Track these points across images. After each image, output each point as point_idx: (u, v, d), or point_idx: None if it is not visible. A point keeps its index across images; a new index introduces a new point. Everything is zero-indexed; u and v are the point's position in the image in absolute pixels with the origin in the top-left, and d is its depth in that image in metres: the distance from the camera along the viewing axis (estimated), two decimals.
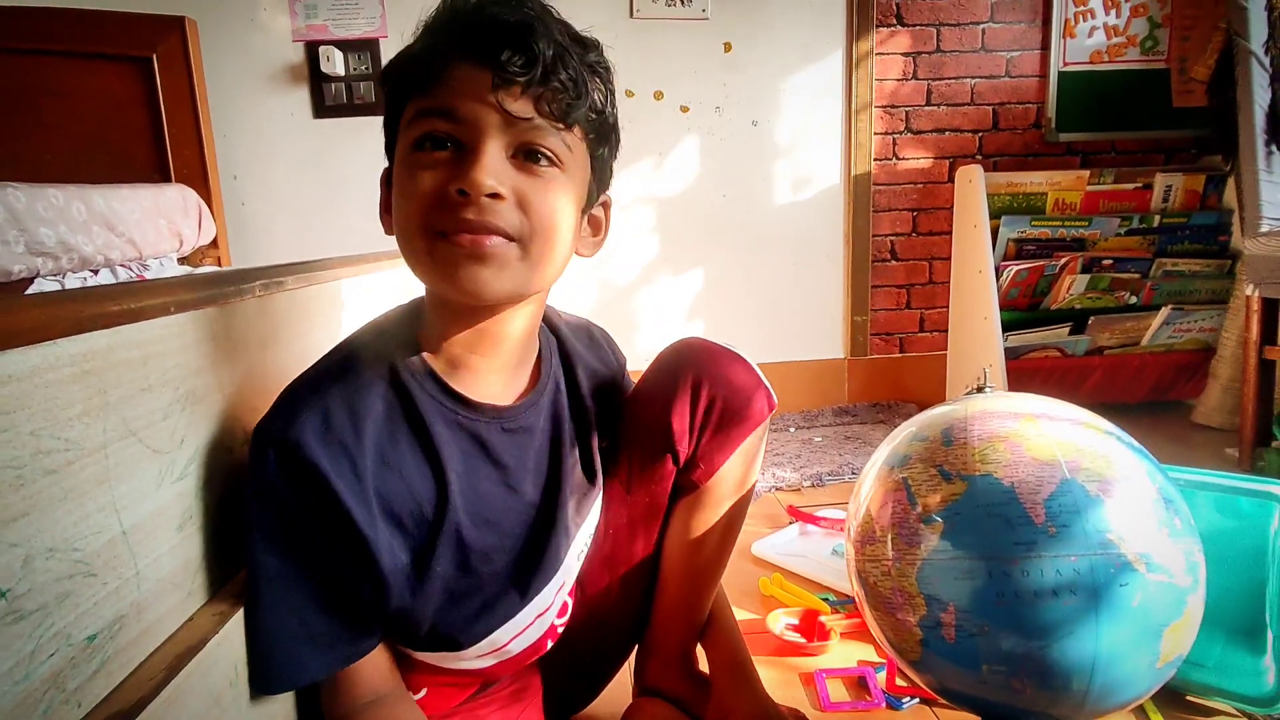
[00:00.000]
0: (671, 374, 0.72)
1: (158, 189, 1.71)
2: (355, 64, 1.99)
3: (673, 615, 0.80)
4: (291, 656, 0.60)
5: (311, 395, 0.62)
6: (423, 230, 0.58)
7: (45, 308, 0.45)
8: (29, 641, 0.42)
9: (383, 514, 0.61)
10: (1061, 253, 2.08)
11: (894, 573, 0.64)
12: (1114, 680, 0.58)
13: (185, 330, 0.59)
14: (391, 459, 0.62)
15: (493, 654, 0.70)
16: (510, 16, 0.59)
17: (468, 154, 0.58)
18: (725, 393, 0.71)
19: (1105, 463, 0.60)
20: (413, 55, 0.61)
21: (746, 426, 0.72)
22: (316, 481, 0.59)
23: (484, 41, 0.58)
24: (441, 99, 0.58)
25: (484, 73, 0.57)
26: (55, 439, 0.45)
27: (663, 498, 0.75)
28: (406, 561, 0.63)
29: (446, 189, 0.57)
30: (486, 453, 0.66)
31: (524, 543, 0.68)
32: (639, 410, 0.74)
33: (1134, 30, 2.21)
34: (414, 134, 0.59)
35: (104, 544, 0.49)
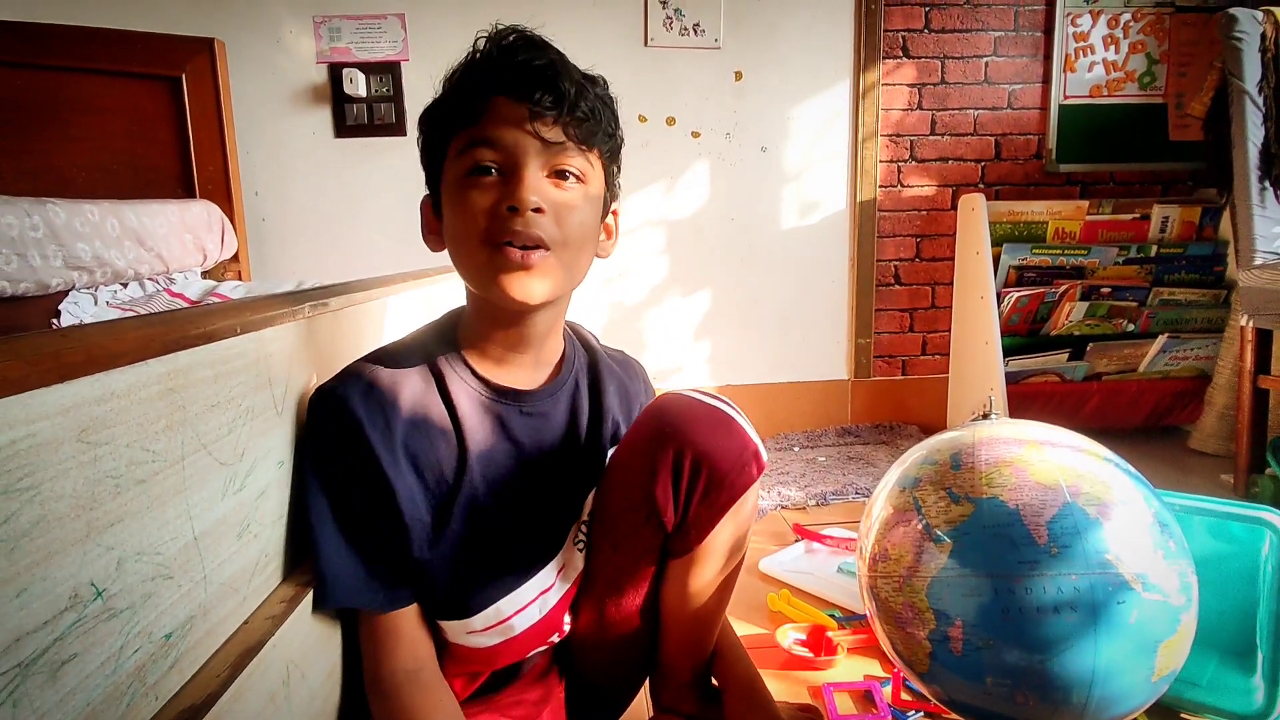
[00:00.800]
0: (653, 441, 0.72)
1: (184, 204, 1.75)
2: (377, 86, 2.04)
3: (679, 653, 0.83)
4: (338, 579, 0.68)
5: (362, 367, 0.73)
6: (481, 244, 0.68)
7: (142, 330, 0.49)
8: (119, 638, 0.46)
9: (410, 467, 0.70)
10: (1061, 280, 2.13)
11: (905, 589, 0.68)
12: (1111, 693, 0.62)
13: (247, 350, 0.64)
14: (421, 424, 0.71)
15: (499, 627, 0.75)
16: (539, 60, 0.70)
17: (512, 177, 0.68)
18: (710, 463, 0.70)
19: (1104, 488, 0.64)
20: (457, 94, 0.71)
21: (734, 494, 0.72)
22: (353, 429, 0.68)
23: (520, 82, 0.68)
24: (487, 131, 0.68)
25: (522, 108, 0.68)
26: (145, 451, 0.49)
27: (651, 560, 0.77)
28: (426, 513, 0.71)
29: (498, 206, 0.67)
30: (505, 430, 0.75)
31: (531, 516, 0.76)
32: (621, 475, 0.75)
33: (1132, 66, 2.28)
34: (466, 163, 0.69)
35: (180, 549, 0.53)
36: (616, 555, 0.77)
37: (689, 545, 0.74)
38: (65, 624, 0.42)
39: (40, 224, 1.23)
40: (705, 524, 0.73)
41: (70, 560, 0.42)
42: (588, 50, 2.44)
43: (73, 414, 0.43)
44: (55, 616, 0.41)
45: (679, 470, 0.70)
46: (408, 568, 0.71)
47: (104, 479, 0.45)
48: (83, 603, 0.43)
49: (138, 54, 1.84)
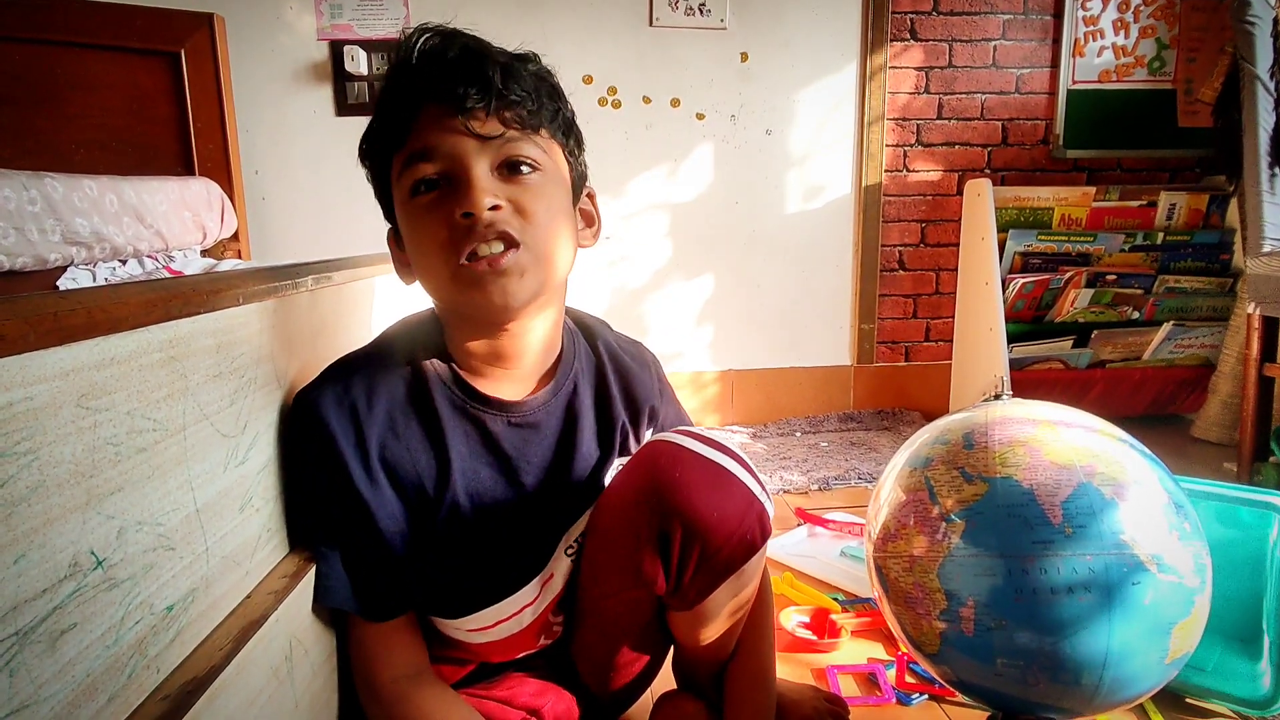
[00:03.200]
0: (640, 505, 0.64)
1: (183, 181, 1.73)
2: (378, 63, 2.02)
3: (696, 662, 0.80)
4: (323, 579, 0.67)
5: (340, 370, 0.70)
6: (445, 262, 0.64)
7: (144, 295, 0.48)
8: (119, 609, 0.45)
9: (388, 480, 0.68)
10: (1066, 267, 2.12)
11: (915, 569, 0.67)
12: (1124, 675, 0.61)
13: (250, 321, 0.63)
14: (402, 433, 0.69)
15: (481, 631, 0.74)
16: (453, 53, 0.65)
17: (460, 183, 0.64)
18: (704, 534, 0.62)
19: (1120, 468, 0.64)
20: (384, 114, 0.67)
21: (733, 564, 0.64)
22: (325, 442, 0.66)
23: (440, 81, 0.64)
24: (419, 142, 0.64)
25: (448, 108, 0.63)
26: (146, 419, 0.48)
27: (650, 603, 0.71)
28: (405, 526, 0.69)
29: (453, 219, 0.63)
30: (490, 442, 0.71)
31: (518, 530, 0.72)
32: (608, 532, 0.69)
33: (1142, 51, 2.25)
34: (407, 183, 0.65)
35: (181, 520, 0.52)
36: (608, 596, 0.72)
37: (686, 606, 0.69)
38: (65, 593, 0.41)
39: (38, 198, 1.22)
40: (703, 589, 0.66)
41: (70, 527, 0.41)
42: (592, 30, 2.39)
43: (72, 378, 0.42)
44: (54, 585, 0.40)
45: (668, 541, 0.63)
46: (393, 575, 0.69)
47: (104, 446, 0.44)
48: (82, 571, 0.42)
49: (137, 29, 1.81)
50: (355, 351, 0.73)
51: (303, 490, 0.68)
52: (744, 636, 0.77)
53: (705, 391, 2.32)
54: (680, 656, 0.83)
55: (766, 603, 0.81)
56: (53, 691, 0.40)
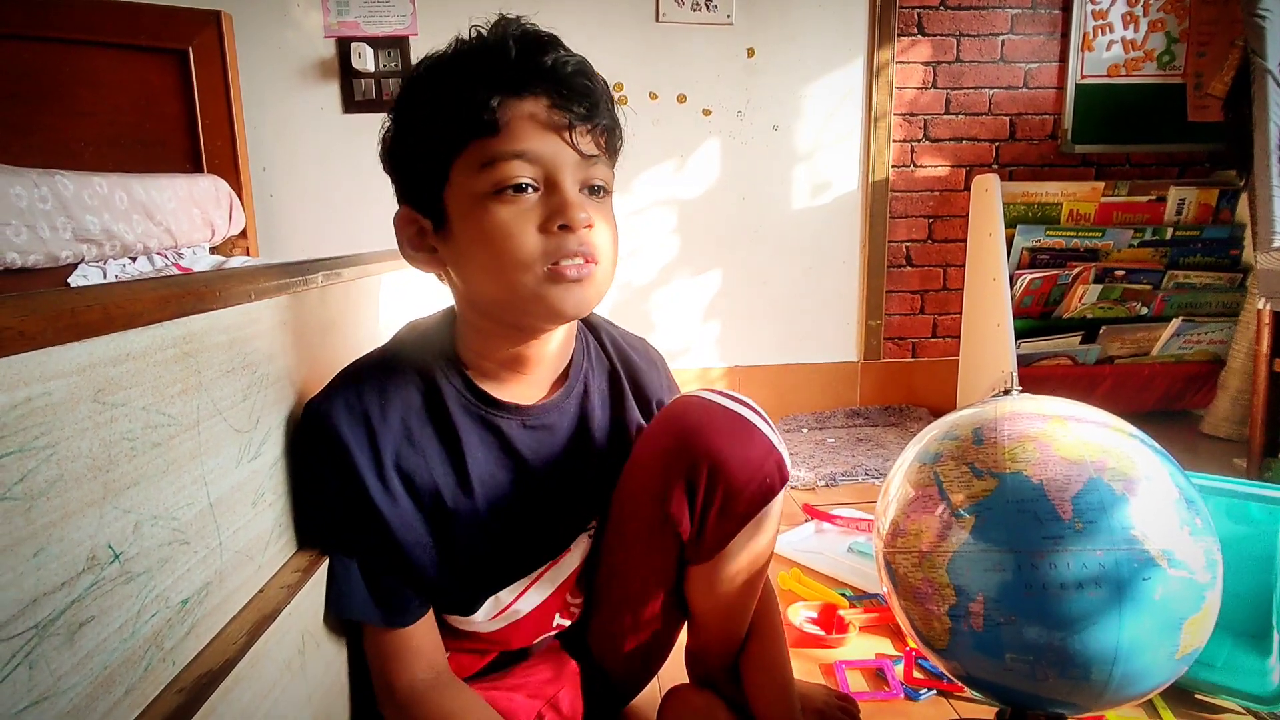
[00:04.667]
0: (668, 451, 0.68)
1: (191, 179, 1.74)
2: (385, 61, 2.02)
3: (710, 642, 0.81)
4: (343, 592, 0.67)
5: (350, 378, 0.69)
6: (528, 267, 0.62)
7: (159, 291, 0.48)
8: (136, 602, 0.46)
9: (404, 491, 0.68)
10: (1075, 262, 2.11)
11: (924, 564, 0.67)
12: (1134, 670, 0.61)
13: (261, 317, 0.63)
14: (418, 441, 0.68)
15: (500, 615, 0.75)
16: (569, 61, 0.64)
17: (555, 193, 0.63)
18: (728, 475, 0.66)
19: (1130, 463, 0.63)
20: (462, 98, 0.62)
21: (754, 507, 0.68)
22: (339, 453, 0.65)
23: (550, 86, 0.62)
24: (519, 142, 0.62)
25: (555, 116, 0.63)
26: (161, 414, 0.48)
27: (669, 563, 0.74)
28: (424, 535, 0.69)
29: (548, 225, 0.62)
30: (507, 446, 0.71)
31: (536, 528, 0.73)
32: (635, 483, 0.72)
33: (1151, 45, 2.24)
34: (491, 178, 0.62)
35: (196, 514, 0.52)
36: (631, 559, 0.75)
37: (707, 555, 0.71)
38: (83, 586, 0.41)
39: (49, 195, 1.22)
40: (723, 536, 0.69)
41: (88, 521, 0.42)
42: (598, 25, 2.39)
43: (89, 373, 0.42)
44: (73, 578, 0.40)
45: (694, 483, 0.66)
46: (413, 581, 0.69)
47: (120, 440, 0.44)
48: (100, 565, 0.42)
49: (144, 26, 1.82)
50: (364, 359, 0.72)
51: (316, 501, 0.67)
52: (755, 624, 0.79)
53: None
54: (694, 645, 0.83)
55: (773, 600, 0.84)
56: (71, 684, 0.40)
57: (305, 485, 0.67)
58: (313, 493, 0.67)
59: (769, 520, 0.72)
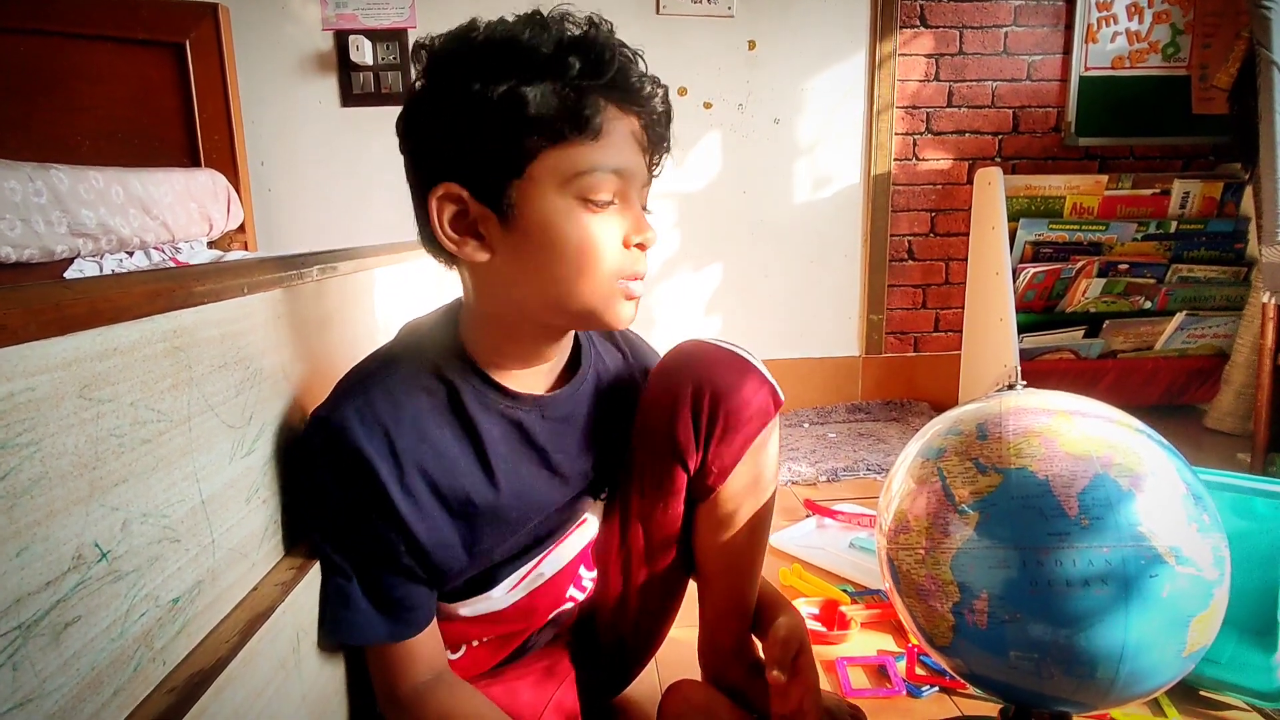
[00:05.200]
0: (673, 384, 0.73)
1: (189, 173, 1.73)
2: (384, 54, 2.01)
3: (720, 611, 0.82)
4: (340, 619, 0.65)
5: (357, 384, 0.66)
6: (607, 279, 0.64)
7: (148, 285, 0.47)
8: (124, 601, 0.45)
9: (429, 494, 0.66)
10: (1078, 256, 2.10)
11: (928, 560, 0.66)
12: (1141, 668, 0.60)
13: (255, 311, 0.62)
14: (436, 444, 0.66)
15: (518, 587, 0.75)
16: (657, 82, 0.64)
17: (629, 209, 0.65)
18: (726, 398, 0.71)
19: (1137, 459, 0.62)
20: (576, 98, 0.59)
21: (752, 428, 0.72)
22: (358, 465, 0.63)
23: (648, 106, 0.63)
24: (617, 158, 0.62)
25: (648, 137, 0.64)
26: (150, 410, 0.47)
27: (678, 505, 0.76)
28: (450, 535, 0.68)
29: (626, 241, 0.65)
30: (528, 438, 0.70)
31: (559, 508, 0.75)
32: (645, 421, 0.75)
33: (1156, 36, 2.22)
34: (581, 186, 0.61)
35: (187, 512, 0.51)
36: (644, 502, 0.76)
37: (711, 486, 0.75)
38: (68, 585, 0.40)
39: (44, 189, 1.21)
40: (726, 462, 0.73)
41: (73, 520, 0.41)
42: None
43: (74, 368, 0.41)
44: (58, 577, 0.40)
45: (698, 408, 0.71)
46: (429, 581, 0.69)
47: (107, 437, 0.43)
48: (86, 564, 0.41)
49: (141, 20, 1.80)
50: (366, 364, 0.69)
51: (325, 516, 0.65)
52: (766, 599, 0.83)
53: None
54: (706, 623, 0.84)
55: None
56: (57, 685, 0.39)
57: (315, 499, 0.65)
58: (322, 507, 0.65)
59: (767, 453, 0.77)
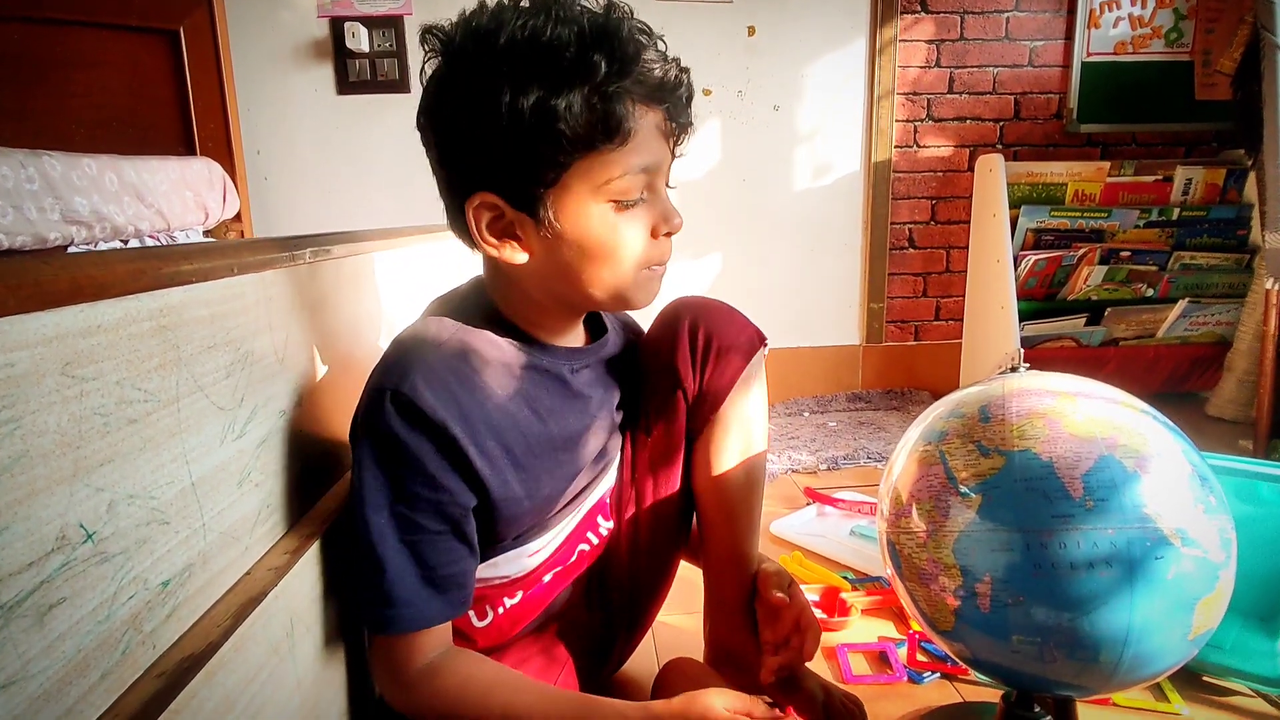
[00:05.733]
0: (671, 323, 0.81)
1: (184, 161, 1.72)
2: (380, 41, 1.99)
3: (721, 560, 0.84)
4: (395, 605, 0.65)
5: (413, 353, 0.68)
6: (635, 269, 0.69)
7: (132, 263, 0.46)
8: (111, 584, 0.44)
9: (499, 448, 0.69)
10: (1080, 244, 2.08)
11: (929, 544, 0.65)
12: (1145, 652, 0.59)
13: (246, 292, 0.61)
14: (495, 398, 0.70)
15: (568, 507, 0.79)
16: (679, 67, 0.67)
17: (658, 196, 0.69)
18: (717, 329, 0.80)
19: (1142, 440, 0.61)
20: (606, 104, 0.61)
21: (741, 355, 0.80)
22: (438, 432, 0.65)
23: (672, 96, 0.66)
24: (645, 156, 0.65)
25: (672, 126, 0.67)
26: (136, 389, 0.46)
27: (679, 434, 0.82)
28: (517, 487, 0.71)
29: (656, 231, 0.69)
30: (570, 390, 0.76)
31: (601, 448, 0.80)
32: (648, 357, 0.83)
33: (1159, 21, 2.20)
34: (617, 192, 0.65)
35: (176, 494, 0.50)
36: (650, 439, 0.82)
37: (707, 415, 0.80)
38: (52, 566, 0.39)
39: (35, 176, 1.20)
40: (720, 387, 0.80)
41: (56, 500, 0.40)
42: None
43: (56, 345, 0.40)
44: (41, 558, 0.39)
45: (694, 341, 0.79)
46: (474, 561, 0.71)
47: (91, 416, 0.42)
48: (71, 545, 0.41)
49: (135, 6, 1.79)
50: (413, 335, 0.71)
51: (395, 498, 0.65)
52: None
53: None
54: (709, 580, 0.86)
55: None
56: (41, 667, 0.38)
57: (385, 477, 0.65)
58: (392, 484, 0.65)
59: (756, 391, 0.83)
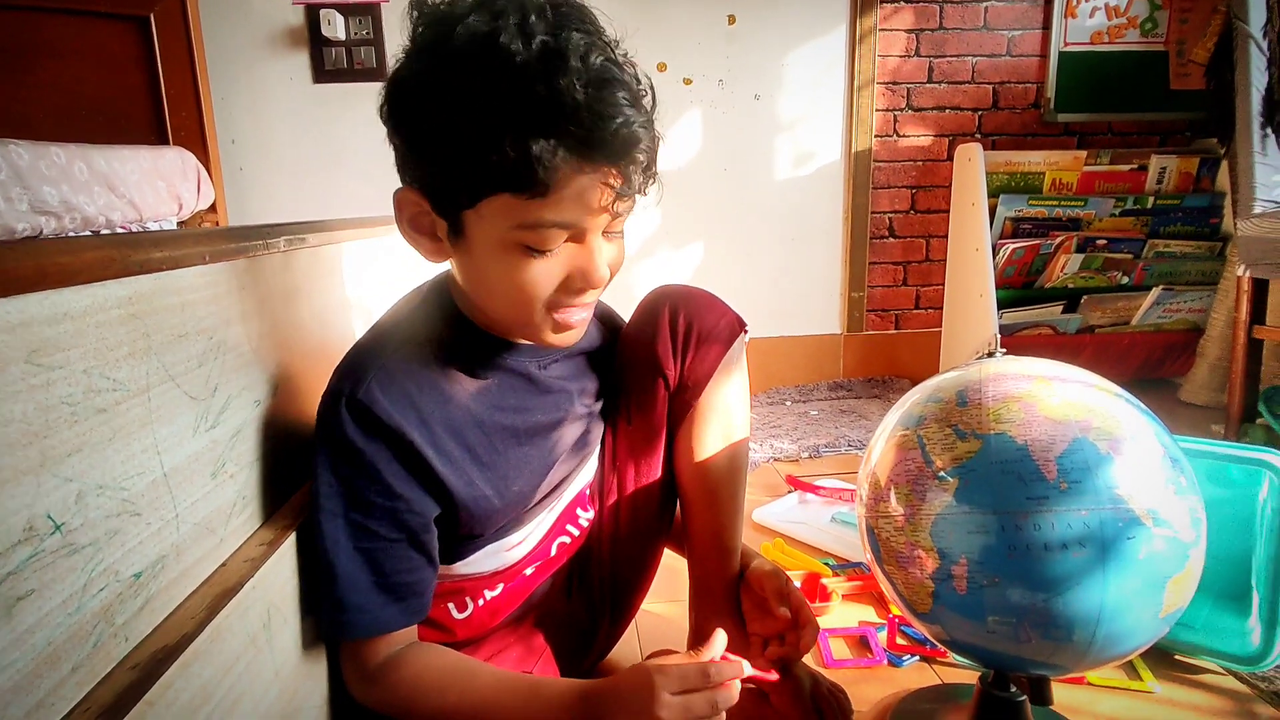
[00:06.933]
0: (651, 311, 0.80)
1: (156, 151, 1.69)
2: (356, 28, 1.96)
3: (704, 547, 0.83)
4: (362, 608, 0.65)
5: (371, 357, 0.67)
6: (535, 310, 0.65)
7: (100, 250, 0.45)
8: (81, 575, 0.43)
9: (459, 448, 0.68)
10: (1057, 232, 2.11)
11: (907, 528, 0.66)
12: (1118, 630, 0.60)
13: (218, 280, 0.60)
14: (457, 401, 0.69)
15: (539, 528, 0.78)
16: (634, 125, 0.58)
17: (580, 247, 0.63)
18: (697, 316, 0.79)
19: (1115, 422, 0.62)
20: (521, 151, 0.55)
21: (721, 341, 0.79)
22: (393, 436, 0.64)
23: (614, 159, 0.58)
24: (564, 215, 0.59)
25: (610, 190, 0.60)
26: (105, 378, 0.46)
27: (660, 422, 0.81)
28: (483, 485, 0.70)
29: (571, 281, 0.64)
30: (536, 383, 0.75)
31: (575, 444, 0.79)
32: (628, 346, 0.82)
33: (1135, 11, 2.22)
34: (528, 240, 0.60)
35: (148, 485, 0.50)
36: (630, 428, 0.82)
37: (689, 402, 0.80)
38: (20, 558, 0.39)
39: (2, 165, 1.17)
40: (701, 374, 0.79)
41: (23, 490, 0.39)
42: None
43: (20, 332, 0.39)
44: (8, 549, 0.38)
45: (674, 327, 0.79)
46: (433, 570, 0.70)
47: (58, 405, 0.42)
48: (39, 536, 0.40)
49: None
50: (371, 334, 0.71)
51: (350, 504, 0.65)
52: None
53: None
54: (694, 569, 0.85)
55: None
56: (10, 660, 0.38)
57: (340, 483, 0.65)
58: (348, 490, 0.65)
59: (737, 378, 0.82)
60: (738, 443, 0.83)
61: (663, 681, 0.60)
